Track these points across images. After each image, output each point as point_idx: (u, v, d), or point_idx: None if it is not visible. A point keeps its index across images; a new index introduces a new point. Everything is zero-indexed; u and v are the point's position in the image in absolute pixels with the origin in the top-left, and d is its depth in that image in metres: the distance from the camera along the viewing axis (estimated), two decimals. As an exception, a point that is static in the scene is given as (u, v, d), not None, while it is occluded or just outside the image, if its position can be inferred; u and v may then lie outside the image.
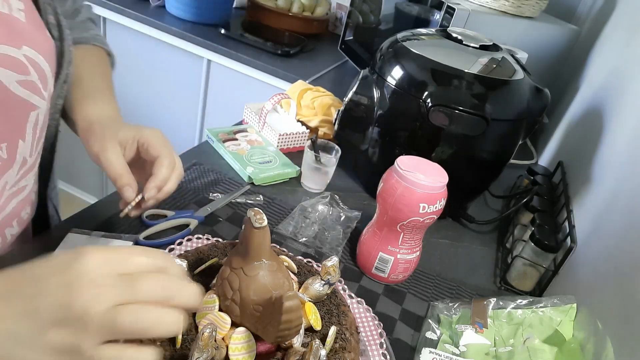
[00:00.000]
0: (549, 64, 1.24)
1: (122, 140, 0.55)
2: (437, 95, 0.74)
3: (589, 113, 1.04)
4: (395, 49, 0.83)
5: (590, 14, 1.41)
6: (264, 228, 0.47)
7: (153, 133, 0.57)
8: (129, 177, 0.53)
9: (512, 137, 0.82)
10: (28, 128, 0.52)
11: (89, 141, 0.55)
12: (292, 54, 1.53)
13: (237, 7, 1.87)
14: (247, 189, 0.82)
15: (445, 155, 0.79)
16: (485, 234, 0.90)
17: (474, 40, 0.81)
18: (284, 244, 0.73)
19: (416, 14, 1.32)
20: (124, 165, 0.54)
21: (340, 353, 0.49)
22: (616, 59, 1.03)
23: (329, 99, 1.07)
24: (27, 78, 0.49)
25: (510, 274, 0.78)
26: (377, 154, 0.86)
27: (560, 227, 0.81)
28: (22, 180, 0.56)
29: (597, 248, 0.70)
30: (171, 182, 0.56)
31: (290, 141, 0.98)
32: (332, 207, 0.83)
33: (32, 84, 0.50)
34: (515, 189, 1.04)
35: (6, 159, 0.51)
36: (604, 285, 0.64)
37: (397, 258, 0.68)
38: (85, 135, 0.56)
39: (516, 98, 0.79)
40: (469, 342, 0.62)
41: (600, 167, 0.83)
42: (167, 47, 1.57)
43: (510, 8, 1.16)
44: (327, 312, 0.54)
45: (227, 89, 1.57)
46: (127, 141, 0.55)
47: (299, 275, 0.58)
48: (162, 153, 0.55)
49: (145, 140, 0.56)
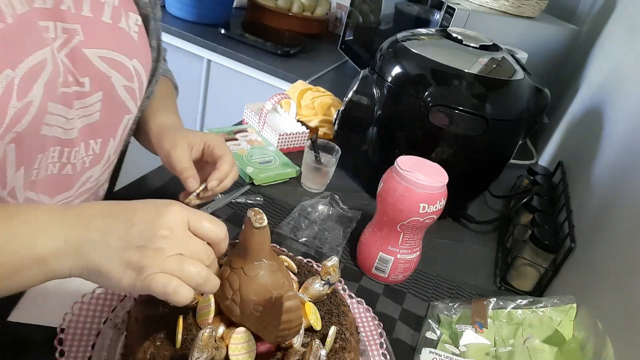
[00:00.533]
0: (549, 64, 1.24)
1: (191, 142, 0.64)
2: (437, 95, 0.74)
3: (589, 113, 1.04)
4: (395, 49, 0.83)
5: (590, 14, 1.41)
6: (264, 228, 0.47)
7: (218, 138, 0.66)
8: (193, 170, 0.62)
9: (512, 137, 0.82)
10: (120, 129, 0.61)
11: (161, 142, 0.64)
12: (292, 54, 1.53)
13: (237, 7, 1.87)
14: (247, 189, 0.82)
15: (445, 155, 0.79)
16: (485, 234, 0.90)
17: (474, 40, 0.81)
18: (284, 244, 0.73)
19: (416, 14, 1.32)
20: (189, 160, 0.62)
21: (340, 353, 0.49)
22: (616, 59, 1.03)
23: (329, 99, 1.07)
24: (131, 85, 0.58)
25: (510, 274, 0.78)
26: (377, 154, 0.86)
27: (560, 227, 0.81)
28: (102, 175, 0.64)
29: (597, 248, 0.70)
30: (229, 178, 0.63)
31: (290, 141, 0.98)
32: (332, 207, 0.83)
33: (133, 91, 0.59)
34: (515, 189, 1.04)
35: (97, 154, 0.59)
36: (604, 285, 0.64)
37: (397, 258, 0.69)
38: (158, 137, 0.65)
39: (516, 98, 0.79)
40: (469, 342, 0.62)
41: (600, 167, 0.83)
42: (167, 47, 1.56)
43: (510, 8, 1.16)
44: (327, 312, 0.54)
45: (227, 89, 1.57)
46: (194, 142, 0.64)
47: (299, 275, 0.58)
48: (225, 153, 0.64)
49: (212, 142, 0.64)
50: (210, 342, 0.42)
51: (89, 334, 0.49)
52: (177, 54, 1.57)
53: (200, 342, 0.41)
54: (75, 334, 0.49)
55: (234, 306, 0.48)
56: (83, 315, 0.51)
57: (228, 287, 0.48)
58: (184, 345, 0.46)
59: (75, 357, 0.47)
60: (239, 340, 0.47)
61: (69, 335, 0.49)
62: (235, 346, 0.46)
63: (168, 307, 0.49)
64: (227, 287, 0.48)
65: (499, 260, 0.84)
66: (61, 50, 0.49)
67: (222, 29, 1.55)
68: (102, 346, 0.49)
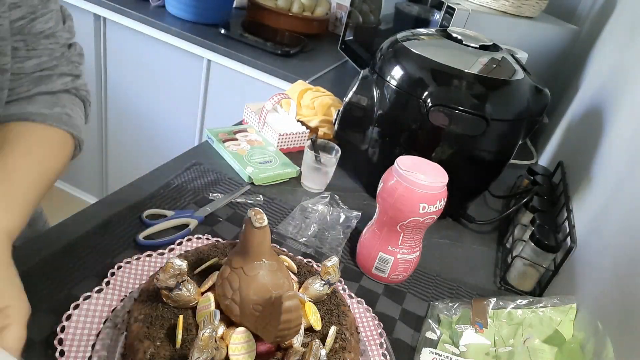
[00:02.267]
0: (549, 64, 1.24)
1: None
2: (437, 95, 0.74)
3: (589, 113, 1.04)
4: (395, 49, 0.83)
5: (590, 14, 1.41)
6: (264, 228, 0.47)
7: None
8: None
9: (512, 137, 0.82)
10: None
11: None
12: (292, 54, 1.53)
13: (237, 7, 1.87)
14: (247, 189, 0.82)
15: (445, 155, 0.79)
16: (485, 234, 0.90)
17: (474, 40, 0.81)
18: (284, 244, 0.73)
19: (416, 14, 1.32)
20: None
21: (340, 353, 0.49)
22: (616, 59, 1.03)
23: (329, 99, 1.07)
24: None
25: (510, 274, 0.78)
26: (377, 154, 0.86)
27: (560, 227, 0.81)
28: None
29: (597, 248, 0.70)
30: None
31: (290, 141, 0.98)
32: (332, 207, 0.83)
33: None
34: (515, 189, 1.04)
35: None
36: (604, 285, 0.64)
37: (397, 258, 0.69)
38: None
39: (516, 98, 0.79)
40: (469, 342, 0.62)
41: (600, 167, 0.83)
42: (167, 47, 1.57)
43: (510, 8, 1.16)
44: (327, 312, 0.54)
45: (227, 89, 1.57)
46: None
47: (299, 275, 0.58)
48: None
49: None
50: (210, 342, 0.42)
51: (89, 334, 0.49)
52: (177, 54, 1.57)
53: (200, 342, 0.41)
54: (75, 334, 0.49)
55: (233, 306, 0.48)
56: (83, 315, 0.51)
57: (228, 287, 0.48)
58: (184, 345, 0.46)
59: (75, 357, 0.47)
60: (239, 340, 0.47)
61: (69, 335, 0.49)
62: (235, 346, 0.46)
63: (168, 307, 0.49)
64: (227, 287, 0.48)
65: (499, 260, 0.84)
66: None
67: (222, 29, 1.55)
68: (102, 346, 0.49)
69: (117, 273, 0.57)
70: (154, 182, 0.78)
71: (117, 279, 0.57)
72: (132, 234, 0.65)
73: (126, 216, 0.68)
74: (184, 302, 0.49)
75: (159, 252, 0.62)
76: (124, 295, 0.55)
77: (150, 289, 0.50)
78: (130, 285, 0.57)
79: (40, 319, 0.50)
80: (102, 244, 0.63)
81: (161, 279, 0.47)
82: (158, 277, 0.47)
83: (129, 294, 0.55)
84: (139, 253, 0.61)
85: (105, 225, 0.66)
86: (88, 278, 0.57)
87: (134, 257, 0.60)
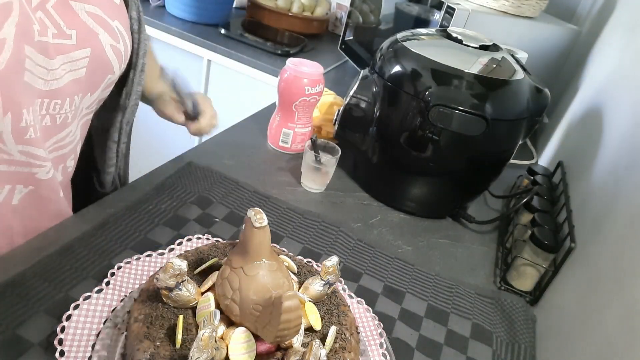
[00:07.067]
0: (549, 64, 1.24)
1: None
2: (437, 95, 0.74)
3: (589, 113, 1.04)
4: (395, 49, 0.83)
5: (590, 14, 1.41)
6: (264, 228, 0.47)
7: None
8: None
9: (512, 137, 0.82)
10: (100, 87, 0.63)
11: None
12: (292, 54, 1.53)
13: (237, 7, 1.87)
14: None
15: (445, 155, 0.79)
16: (485, 234, 0.90)
17: (474, 40, 0.81)
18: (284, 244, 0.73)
19: (416, 14, 1.32)
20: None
21: (340, 353, 0.49)
22: (616, 59, 1.03)
23: (330, 98, 1.06)
24: (117, 45, 0.61)
25: (510, 274, 0.78)
26: (377, 154, 0.86)
27: (560, 227, 0.81)
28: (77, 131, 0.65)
29: (597, 248, 0.70)
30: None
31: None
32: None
33: (119, 51, 0.62)
34: (515, 189, 1.04)
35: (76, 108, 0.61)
36: (604, 285, 0.64)
37: (295, 131, 0.94)
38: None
39: (516, 98, 0.79)
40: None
41: (600, 167, 0.83)
42: (167, 47, 1.57)
43: (510, 8, 1.16)
44: (327, 312, 0.54)
45: (227, 89, 1.57)
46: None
47: (299, 275, 0.58)
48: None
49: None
50: (210, 342, 0.42)
51: (89, 334, 0.49)
52: (177, 54, 1.57)
53: (200, 342, 0.41)
54: (75, 334, 0.49)
55: (233, 305, 0.48)
56: (83, 315, 0.51)
57: (228, 287, 0.48)
58: (184, 345, 0.46)
59: (75, 357, 0.47)
60: (239, 340, 0.47)
61: (69, 335, 0.49)
62: (235, 346, 0.46)
63: (168, 307, 0.49)
64: (226, 287, 0.48)
65: (499, 260, 0.84)
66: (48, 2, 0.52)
67: (222, 29, 1.55)
68: (102, 346, 0.49)
69: (117, 273, 0.57)
70: (153, 182, 0.78)
71: (117, 279, 0.57)
72: (132, 234, 0.65)
73: (125, 216, 0.68)
74: (184, 302, 0.49)
75: (159, 252, 0.63)
76: (124, 296, 0.55)
77: (150, 289, 0.50)
78: (130, 286, 0.57)
79: (40, 320, 0.50)
80: (101, 244, 0.63)
81: (161, 279, 0.47)
82: (158, 277, 0.47)
83: (129, 294, 0.55)
84: (138, 253, 0.61)
85: (105, 225, 0.66)
86: (88, 278, 0.57)
87: (134, 257, 0.60)
